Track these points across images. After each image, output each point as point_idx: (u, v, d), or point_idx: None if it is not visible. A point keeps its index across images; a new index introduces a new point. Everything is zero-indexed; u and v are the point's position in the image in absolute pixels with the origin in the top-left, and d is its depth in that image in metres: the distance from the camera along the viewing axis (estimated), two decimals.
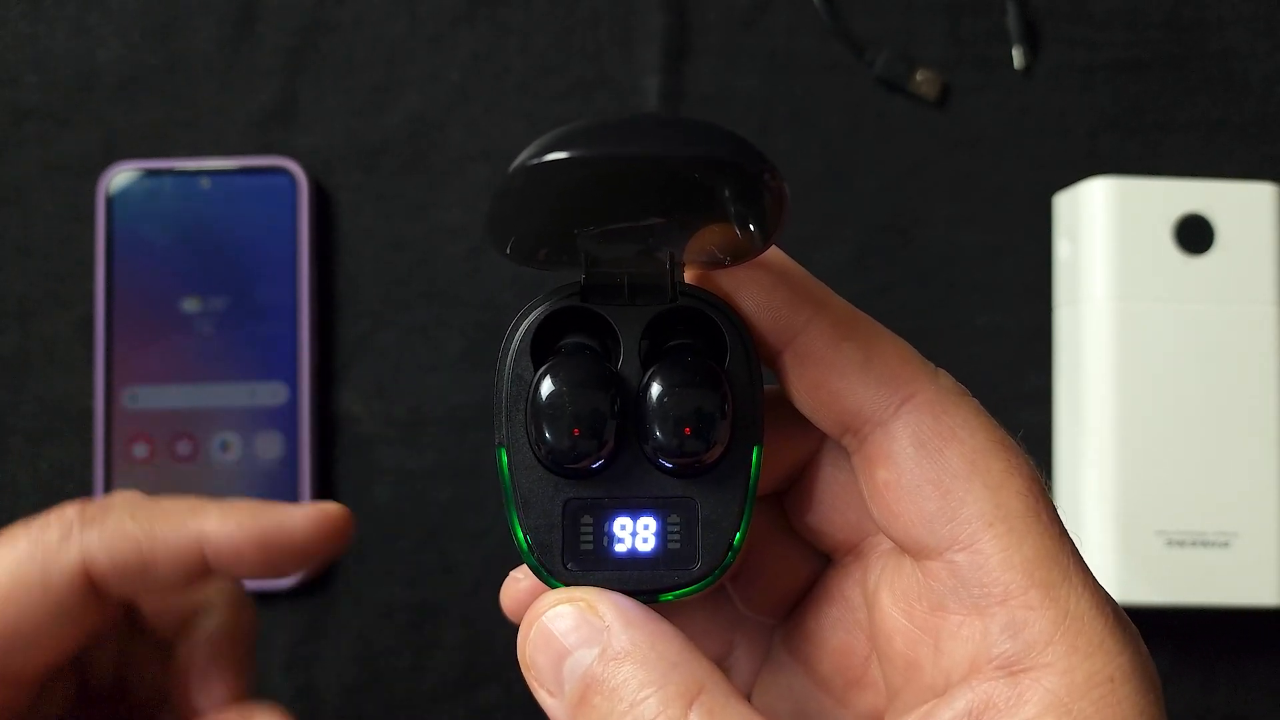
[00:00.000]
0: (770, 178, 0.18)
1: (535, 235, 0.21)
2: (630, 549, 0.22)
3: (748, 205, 0.19)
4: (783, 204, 0.19)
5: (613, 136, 0.18)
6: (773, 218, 0.19)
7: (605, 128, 0.18)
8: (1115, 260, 0.44)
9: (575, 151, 0.17)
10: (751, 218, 0.20)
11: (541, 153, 0.17)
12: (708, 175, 0.19)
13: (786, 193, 0.19)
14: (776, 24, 0.48)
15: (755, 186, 0.19)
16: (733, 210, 0.20)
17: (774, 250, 0.23)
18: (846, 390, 0.22)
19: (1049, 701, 0.20)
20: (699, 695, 0.21)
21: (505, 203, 0.19)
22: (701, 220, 0.21)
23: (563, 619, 0.22)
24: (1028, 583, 0.21)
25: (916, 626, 0.22)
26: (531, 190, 0.19)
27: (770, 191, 0.19)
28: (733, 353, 0.22)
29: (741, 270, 0.23)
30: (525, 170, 0.18)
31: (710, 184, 0.19)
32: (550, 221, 0.21)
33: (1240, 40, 0.49)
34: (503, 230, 0.21)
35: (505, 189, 0.19)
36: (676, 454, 0.22)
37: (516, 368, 0.22)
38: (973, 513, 0.21)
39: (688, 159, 0.18)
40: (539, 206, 0.20)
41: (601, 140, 0.18)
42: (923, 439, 0.22)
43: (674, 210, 0.20)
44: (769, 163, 0.18)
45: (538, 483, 0.22)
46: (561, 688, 0.22)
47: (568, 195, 0.20)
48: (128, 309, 0.46)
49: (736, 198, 0.19)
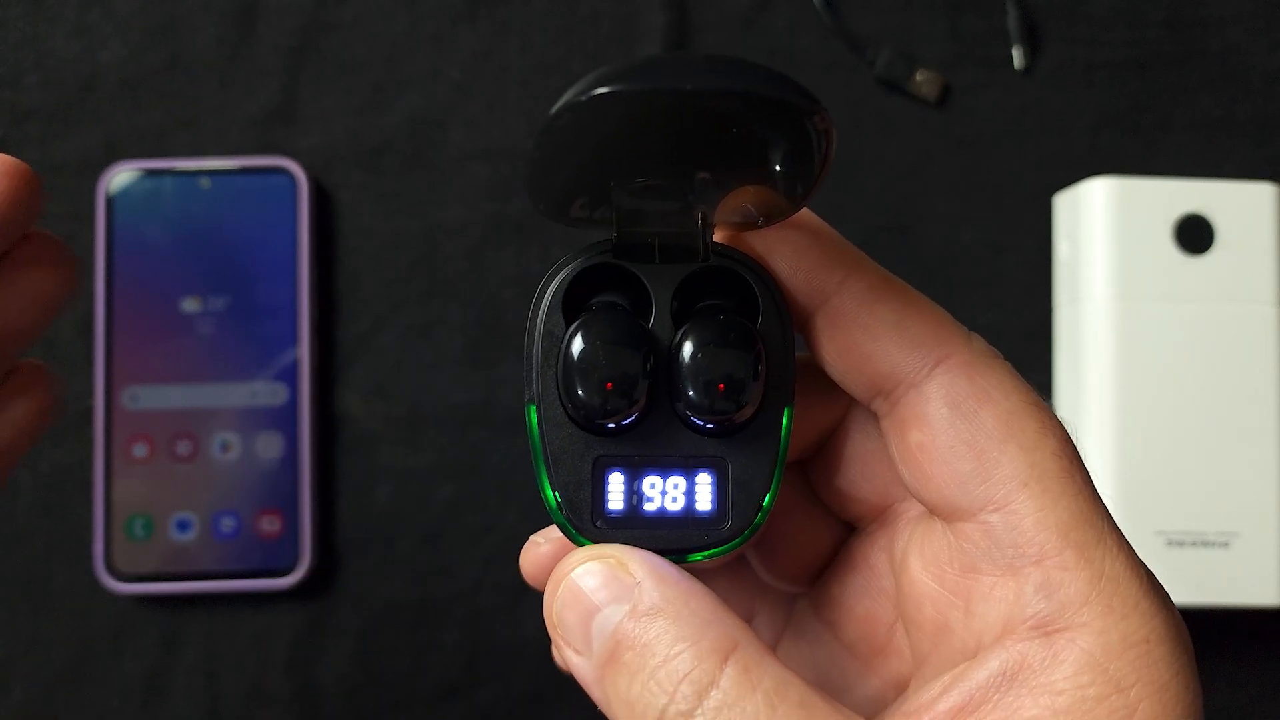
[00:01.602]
0: (820, 120, 0.18)
1: (572, 184, 0.21)
2: (660, 508, 0.22)
3: (792, 150, 0.19)
4: (829, 150, 0.19)
5: (662, 72, 0.17)
6: (818, 165, 0.19)
7: (654, 64, 0.17)
8: (1115, 260, 0.44)
9: (622, 85, 0.17)
10: (794, 165, 0.19)
11: (588, 89, 0.17)
12: (754, 115, 0.18)
13: (834, 137, 0.18)
14: (776, 23, 0.48)
15: (803, 128, 0.18)
16: (775, 157, 0.19)
17: (806, 212, 0.22)
18: (879, 352, 0.22)
19: (1085, 661, 0.20)
20: (734, 651, 0.20)
21: (545, 145, 0.19)
22: (741, 171, 0.20)
23: (592, 576, 0.21)
24: (1063, 543, 0.21)
25: (947, 590, 0.22)
26: (573, 131, 0.18)
27: (818, 135, 0.18)
28: (765, 313, 0.22)
29: (774, 231, 0.23)
30: (570, 108, 0.17)
31: (755, 126, 0.19)
32: (589, 168, 0.20)
33: (1241, 39, 0.49)
34: (541, 176, 0.20)
35: (547, 129, 0.18)
36: (708, 413, 0.21)
37: (548, 324, 0.22)
38: (1007, 473, 0.21)
39: (736, 96, 0.18)
40: (579, 150, 0.19)
41: (651, 76, 0.17)
42: (957, 400, 0.22)
43: (715, 159, 0.20)
44: (820, 104, 0.17)
45: (568, 440, 0.22)
46: (590, 645, 0.21)
47: (609, 136, 0.19)
48: (128, 309, 0.46)
49: (781, 141, 0.19)
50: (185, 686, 0.46)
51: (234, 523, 0.45)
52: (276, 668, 0.46)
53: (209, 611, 0.46)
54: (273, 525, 0.45)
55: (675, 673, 0.20)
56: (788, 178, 0.20)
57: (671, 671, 0.20)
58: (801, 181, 0.20)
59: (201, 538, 0.45)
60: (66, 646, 0.46)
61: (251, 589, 0.45)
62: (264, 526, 0.45)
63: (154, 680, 0.46)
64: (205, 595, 0.46)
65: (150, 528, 0.45)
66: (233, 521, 0.45)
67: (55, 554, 0.46)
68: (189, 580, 0.45)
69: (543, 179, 0.20)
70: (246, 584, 0.45)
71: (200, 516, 0.45)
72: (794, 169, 0.19)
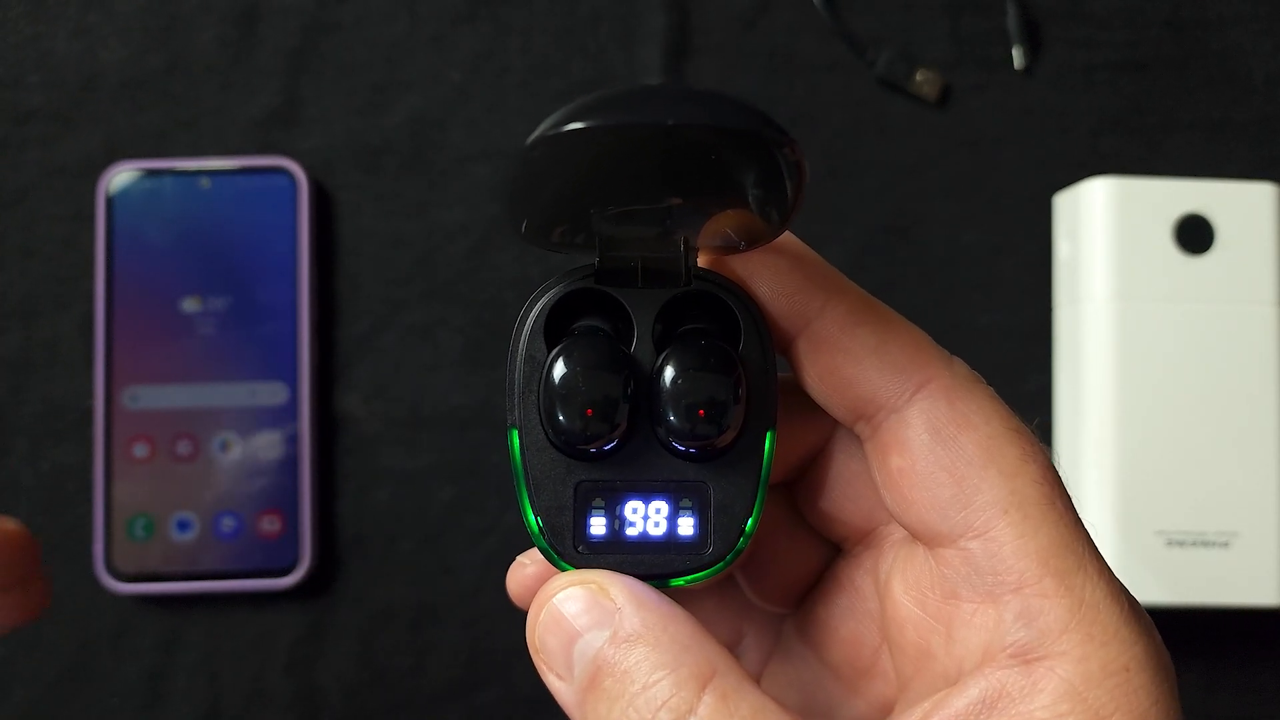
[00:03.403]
0: (790, 151, 0.18)
1: (551, 212, 0.21)
2: (642, 533, 0.22)
3: (766, 180, 0.19)
4: (801, 180, 0.19)
5: (631, 107, 0.17)
6: (791, 194, 0.19)
7: (623, 97, 0.17)
8: (1115, 260, 0.44)
9: (594, 121, 0.17)
10: (769, 194, 0.19)
11: (560, 124, 0.17)
12: (727, 147, 0.18)
13: (806, 168, 0.18)
14: (777, 24, 0.48)
15: (774, 159, 0.18)
16: (750, 186, 0.19)
17: (788, 236, 0.22)
18: (860, 376, 0.22)
19: (1063, 690, 0.20)
20: (712, 678, 0.20)
21: (522, 175, 0.19)
22: (718, 199, 0.20)
23: (573, 601, 0.21)
24: (1042, 571, 0.20)
25: (929, 615, 0.22)
26: (549, 162, 0.18)
27: (789, 165, 0.18)
28: (746, 337, 0.22)
29: (756, 255, 0.22)
30: (543, 141, 0.17)
31: (729, 157, 0.19)
32: (567, 197, 0.20)
33: (1241, 40, 0.49)
34: (519, 205, 0.20)
35: (523, 160, 0.18)
36: (689, 437, 0.22)
37: (530, 348, 0.22)
38: (987, 500, 0.21)
39: (707, 129, 0.18)
40: (556, 180, 0.19)
41: (620, 110, 0.17)
42: (937, 425, 0.22)
43: (692, 187, 0.20)
44: (789, 136, 0.18)
45: (549, 464, 0.22)
46: (571, 671, 0.22)
47: (585, 168, 0.19)
48: (128, 309, 0.46)
49: (755, 172, 0.19)
50: (185, 687, 0.46)
51: (234, 523, 0.45)
52: (276, 668, 0.46)
53: (209, 612, 0.46)
54: (273, 525, 0.45)
55: (654, 700, 0.20)
56: (764, 205, 0.20)
57: (650, 699, 0.20)
58: (778, 209, 0.20)
59: (202, 538, 0.45)
60: (66, 647, 0.46)
61: (251, 589, 0.45)
62: (264, 526, 0.45)
63: (154, 681, 0.46)
64: (205, 595, 0.46)
65: (151, 528, 0.45)
66: (233, 521, 0.45)
67: (55, 554, 0.46)
68: (189, 580, 0.45)
69: (521, 207, 0.20)
70: (246, 584, 0.45)
71: (200, 516, 0.45)
72: (770, 197, 0.20)
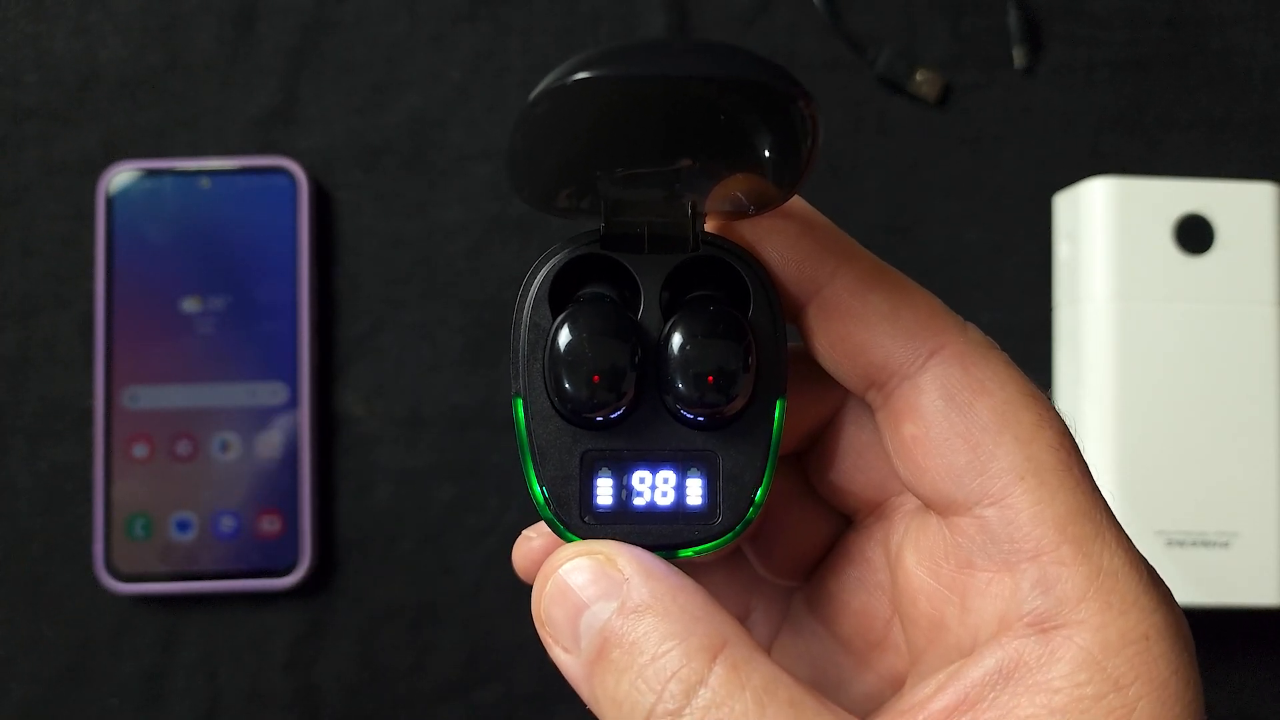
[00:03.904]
0: (804, 105, 0.17)
1: (555, 174, 0.20)
2: (649, 503, 0.22)
3: (777, 137, 0.18)
4: (815, 137, 0.18)
5: (639, 58, 0.17)
6: (805, 151, 0.18)
7: (630, 49, 0.17)
8: (1115, 260, 0.44)
9: (599, 71, 0.16)
10: (781, 152, 0.19)
11: (565, 75, 0.16)
12: (736, 100, 0.18)
13: (819, 123, 0.18)
14: (777, 23, 0.48)
15: (787, 114, 0.18)
16: (761, 144, 0.19)
17: (798, 200, 0.22)
18: (872, 343, 0.22)
19: (1082, 659, 0.19)
20: (723, 649, 0.20)
21: (526, 134, 0.18)
22: (727, 160, 0.20)
23: (580, 572, 0.21)
24: (1060, 538, 0.20)
25: (942, 585, 0.22)
26: (554, 119, 0.18)
27: (802, 120, 0.18)
28: (756, 304, 0.22)
29: (765, 220, 0.22)
30: (548, 94, 0.17)
31: (738, 112, 0.18)
32: (572, 157, 0.20)
33: (1241, 39, 0.49)
34: (523, 167, 0.20)
35: (527, 118, 0.17)
36: (697, 405, 0.21)
37: (534, 316, 0.22)
38: (1003, 466, 0.21)
39: (716, 81, 0.17)
40: (561, 138, 0.19)
41: (630, 61, 0.16)
42: (951, 392, 0.21)
43: (700, 147, 0.19)
44: (803, 88, 0.17)
45: (555, 434, 0.22)
46: (578, 643, 0.21)
47: (591, 125, 0.18)
48: (128, 309, 0.46)
49: (765, 128, 0.18)
50: (185, 686, 0.46)
51: (234, 523, 0.45)
52: (276, 668, 0.46)
53: (209, 611, 0.46)
54: (273, 525, 0.45)
55: (663, 671, 0.20)
56: (776, 165, 0.19)
57: (659, 669, 0.20)
58: (790, 169, 0.19)
59: (201, 538, 0.45)
60: (66, 646, 0.46)
61: (251, 589, 0.45)
62: (264, 526, 0.45)
63: (154, 680, 0.46)
64: (205, 595, 0.46)
65: (150, 528, 0.45)
66: (233, 521, 0.45)
67: (55, 554, 0.46)
68: (189, 580, 0.45)
69: (525, 169, 0.20)
70: (246, 584, 0.45)
71: (200, 516, 0.45)
72: (782, 156, 0.19)
